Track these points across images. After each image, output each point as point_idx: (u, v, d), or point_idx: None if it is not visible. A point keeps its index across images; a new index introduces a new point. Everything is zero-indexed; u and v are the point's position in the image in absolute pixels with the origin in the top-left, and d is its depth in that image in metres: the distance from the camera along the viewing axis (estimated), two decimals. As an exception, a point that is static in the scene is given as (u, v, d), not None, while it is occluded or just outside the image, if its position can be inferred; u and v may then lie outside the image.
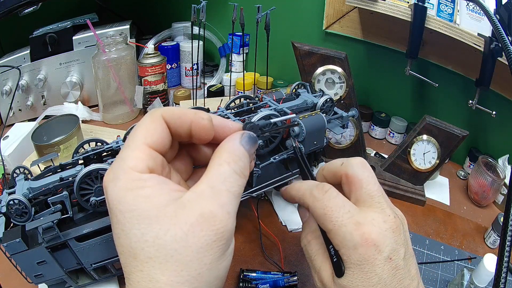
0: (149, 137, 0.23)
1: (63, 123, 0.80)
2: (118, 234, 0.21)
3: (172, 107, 0.25)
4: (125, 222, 0.20)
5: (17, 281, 0.50)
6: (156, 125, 0.23)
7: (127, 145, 0.23)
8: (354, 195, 0.29)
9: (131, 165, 0.21)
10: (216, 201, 0.21)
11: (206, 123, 0.24)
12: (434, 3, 0.72)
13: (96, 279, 0.50)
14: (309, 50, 0.72)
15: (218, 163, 0.23)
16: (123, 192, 0.20)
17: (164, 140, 0.23)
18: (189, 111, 0.25)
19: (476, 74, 0.70)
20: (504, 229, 0.29)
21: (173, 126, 0.24)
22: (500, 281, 0.28)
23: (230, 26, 0.77)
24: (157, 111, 0.24)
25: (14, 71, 0.88)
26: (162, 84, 0.95)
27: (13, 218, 0.41)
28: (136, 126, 0.24)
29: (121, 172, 0.21)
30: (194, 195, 0.21)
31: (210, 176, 0.22)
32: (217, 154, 0.24)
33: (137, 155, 0.22)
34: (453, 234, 0.67)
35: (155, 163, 0.22)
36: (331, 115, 0.64)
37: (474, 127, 0.84)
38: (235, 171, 0.23)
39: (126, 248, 0.20)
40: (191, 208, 0.20)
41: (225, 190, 0.22)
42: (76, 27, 0.96)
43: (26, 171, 0.48)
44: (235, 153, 0.24)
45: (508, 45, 0.38)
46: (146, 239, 0.19)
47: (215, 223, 0.20)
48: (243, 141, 0.24)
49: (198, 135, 0.25)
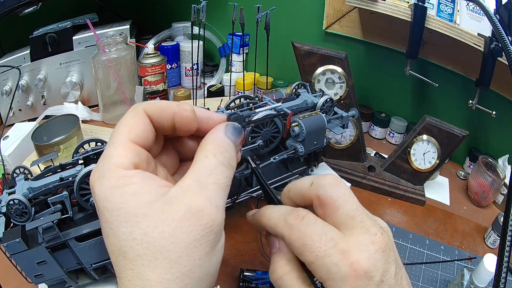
0: (132, 133, 0.22)
1: (63, 123, 0.80)
2: (107, 233, 0.20)
3: (154, 101, 0.24)
4: (113, 220, 0.20)
5: (17, 281, 0.50)
6: (139, 119, 0.23)
7: (111, 143, 0.22)
8: (331, 219, 0.25)
9: (116, 162, 0.21)
10: (203, 195, 0.21)
11: (189, 114, 0.24)
12: (434, 3, 0.72)
13: (96, 279, 0.50)
14: (309, 50, 0.72)
15: (203, 155, 0.22)
16: (109, 190, 0.20)
17: (147, 134, 0.23)
18: (171, 103, 0.24)
19: (476, 74, 0.70)
20: (504, 229, 0.29)
21: (156, 120, 0.24)
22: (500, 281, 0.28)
23: (230, 26, 0.77)
24: (139, 106, 0.23)
25: (14, 71, 0.88)
26: (162, 84, 0.95)
27: (13, 218, 0.41)
28: (118, 122, 0.23)
29: (106, 170, 0.21)
30: (180, 190, 0.21)
31: (196, 169, 0.22)
32: (202, 146, 0.23)
33: (121, 152, 0.21)
34: (453, 234, 0.67)
35: (139, 159, 0.22)
36: (331, 115, 0.64)
37: (474, 127, 0.84)
38: (221, 162, 0.22)
39: (116, 247, 0.20)
40: (178, 204, 0.20)
41: (212, 183, 0.21)
42: (76, 27, 0.96)
43: (26, 171, 0.48)
44: (220, 144, 0.23)
45: (508, 45, 0.38)
46: (135, 237, 0.19)
47: (203, 217, 0.20)
48: (228, 132, 0.24)
49: (182, 127, 0.24)
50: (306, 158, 0.65)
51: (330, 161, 0.79)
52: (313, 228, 0.24)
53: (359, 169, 0.79)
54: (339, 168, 0.78)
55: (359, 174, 0.78)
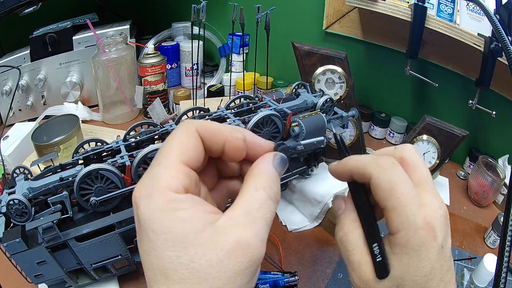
0: (184, 154, 0.22)
1: (63, 123, 0.80)
2: (147, 252, 0.21)
3: (207, 122, 0.24)
4: (158, 243, 0.20)
5: (17, 281, 0.50)
6: (192, 140, 0.22)
7: (161, 161, 0.22)
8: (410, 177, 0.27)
9: (167, 184, 0.21)
10: (251, 228, 0.21)
11: (241, 143, 0.24)
12: (434, 3, 0.72)
13: (96, 279, 0.50)
14: (309, 50, 0.72)
15: (253, 187, 0.23)
16: (157, 212, 0.20)
17: (199, 156, 0.23)
18: (224, 128, 0.24)
19: (476, 74, 0.70)
20: (504, 229, 0.29)
21: (207, 143, 0.23)
22: (500, 281, 0.28)
23: (230, 26, 0.77)
24: (191, 124, 0.23)
25: (14, 71, 0.88)
26: (162, 84, 0.95)
27: (13, 218, 0.41)
28: (169, 139, 0.23)
29: (155, 191, 0.21)
30: (230, 221, 0.21)
31: (245, 201, 0.22)
32: (251, 177, 0.23)
33: (173, 173, 0.21)
34: (453, 234, 0.67)
35: (190, 182, 0.22)
36: (331, 115, 0.64)
37: (474, 127, 0.84)
38: (269, 196, 0.22)
39: (157, 266, 0.20)
40: (227, 235, 0.20)
41: (260, 218, 0.22)
42: (76, 27, 0.96)
43: (26, 171, 0.48)
44: (269, 176, 0.23)
45: (508, 45, 0.38)
46: (181, 262, 0.20)
47: (250, 250, 0.21)
48: (275, 163, 0.24)
49: (231, 154, 0.24)
50: (306, 158, 0.65)
51: (330, 161, 0.79)
52: (401, 176, 0.26)
53: (359, 169, 0.79)
54: (339, 168, 0.78)
55: (359, 174, 0.78)
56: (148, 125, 0.60)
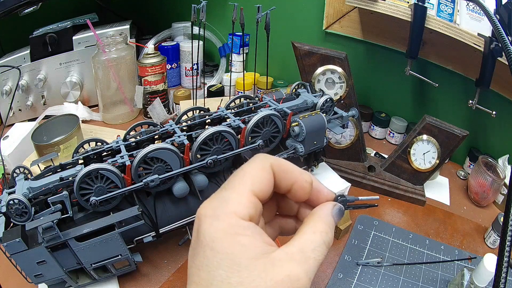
0: (256, 186, 0.24)
1: (63, 123, 0.80)
2: (199, 266, 0.22)
3: (282, 160, 0.26)
4: (214, 261, 0.21)
5: (17, 281, 0.50)
6: (266, 174, 0.25)
7: (234, 187, 0.24)
8: None
9: (234, 209, 0.23)
10: (303, 266, 0.22)
11: (308, 186, 0.26)
12: (434, 3, 0.72)
13: (96, 279, 0.50)
14: (309, 50, 0.72)
15: (312, 230, 0.24)
16: (220, 233, 0.22)
17: (268, 190, 0.25)
18: (295, 169, 0.26)
19: (476, 74, 0.70)
20: (504, 229, 0.29)
21: (277, 179, 0.25)
22: (500, 281, 0.28)
23: (230, 26, 0.77)
24: (267, 160, 0.25)
25: (14, 71, 0.88)
26: (162, 84, 0.95)
27: (13, 218, 0.41)
28: (245, 168, 0.25)
29: (223, 214, 0.22)
30: (285, 255, 0.23)
31: (302, 241, 0.24)
32: (311, 221, 0.25)
33: (242, 200, 0.23)
34: (453, 234, 0.67)
35: (255, 212, 0.24)
36: (331, 115, 0.64)
37: (474, 127, 0.84)
38: (324, 241, 0.24)
39: (204, 281, 0.21)
40: (280, 267, 0.22)
41: (313, 258, 0.23)
42: (76, 27, 0.96)
43: (26, 171, 0.48)
44: (327, 224, 0.25)
45: (508, 45, 0.38)
46: (230, 282, 0.21)
47: (297, 285, 0.22)
48: (334, 213, 0.26)
49: (296, 194, 0.26)
50: (306, 158, 0.65)
51: (330, 161, 0.79)
52: None
53: (359, 169, 0.79)
54: (339, 168, 0.78)
55: (359, 174, 0.78)
56: (148, 125, 0.60)
